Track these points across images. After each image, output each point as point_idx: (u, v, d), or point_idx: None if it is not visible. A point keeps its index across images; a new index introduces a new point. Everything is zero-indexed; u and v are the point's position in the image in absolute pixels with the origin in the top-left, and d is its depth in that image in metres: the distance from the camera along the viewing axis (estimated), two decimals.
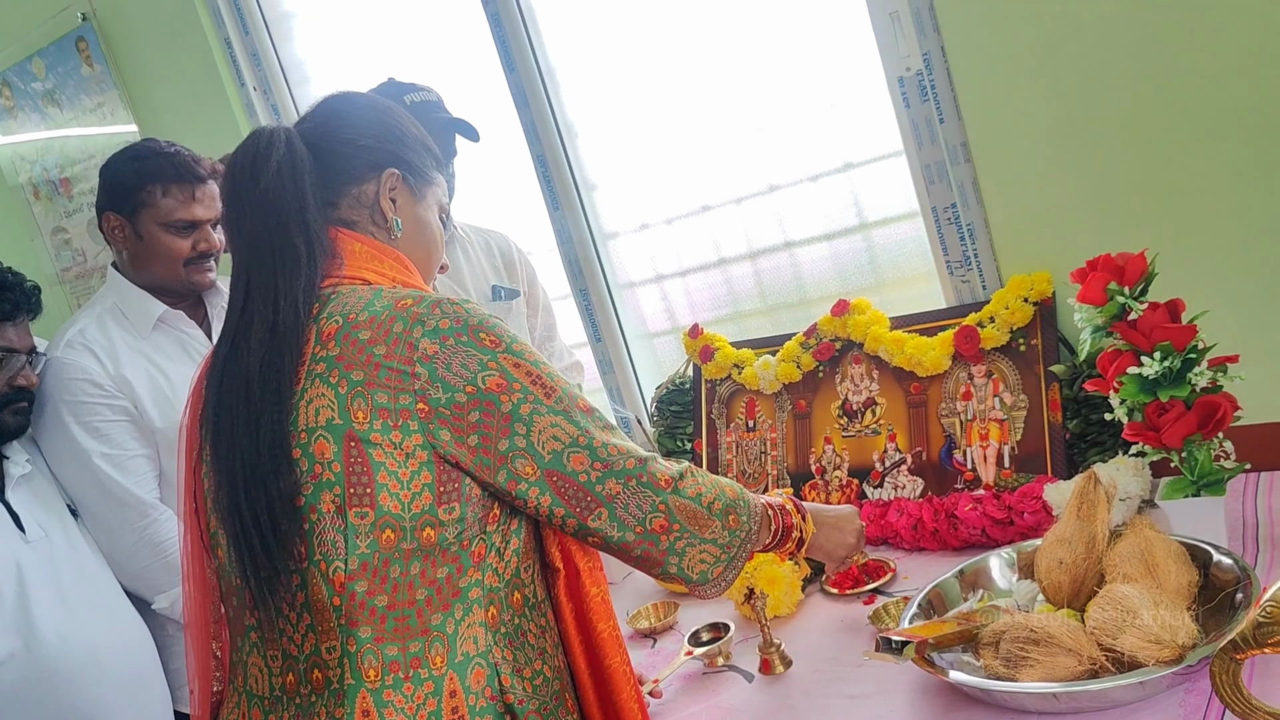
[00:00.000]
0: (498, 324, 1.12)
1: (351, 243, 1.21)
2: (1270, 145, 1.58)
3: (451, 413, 1.07)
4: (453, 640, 1.08)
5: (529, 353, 1.12)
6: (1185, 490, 1.48)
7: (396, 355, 1.07)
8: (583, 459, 1.10)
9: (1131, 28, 1.63)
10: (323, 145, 1.22)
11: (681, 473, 1.16)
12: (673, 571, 1.17)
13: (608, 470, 1.11)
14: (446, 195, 1.34)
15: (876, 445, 1.95)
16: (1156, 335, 1.43)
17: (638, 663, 1.67)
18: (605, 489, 1.11)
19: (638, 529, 1.13)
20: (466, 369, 1.08)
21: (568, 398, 1.12)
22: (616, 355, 2.46)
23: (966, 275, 1.90)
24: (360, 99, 1.31)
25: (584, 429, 1.11)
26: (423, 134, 1.32)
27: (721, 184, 2.26)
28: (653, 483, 1.13)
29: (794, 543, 1.33)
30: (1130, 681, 1.14)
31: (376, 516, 1.06)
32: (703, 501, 1.16)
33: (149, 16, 2.89)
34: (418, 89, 2.04)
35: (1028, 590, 1.44)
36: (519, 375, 1.10)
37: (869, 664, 1.42)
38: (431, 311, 1.10)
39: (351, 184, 1.23)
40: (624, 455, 1.13)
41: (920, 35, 1.80)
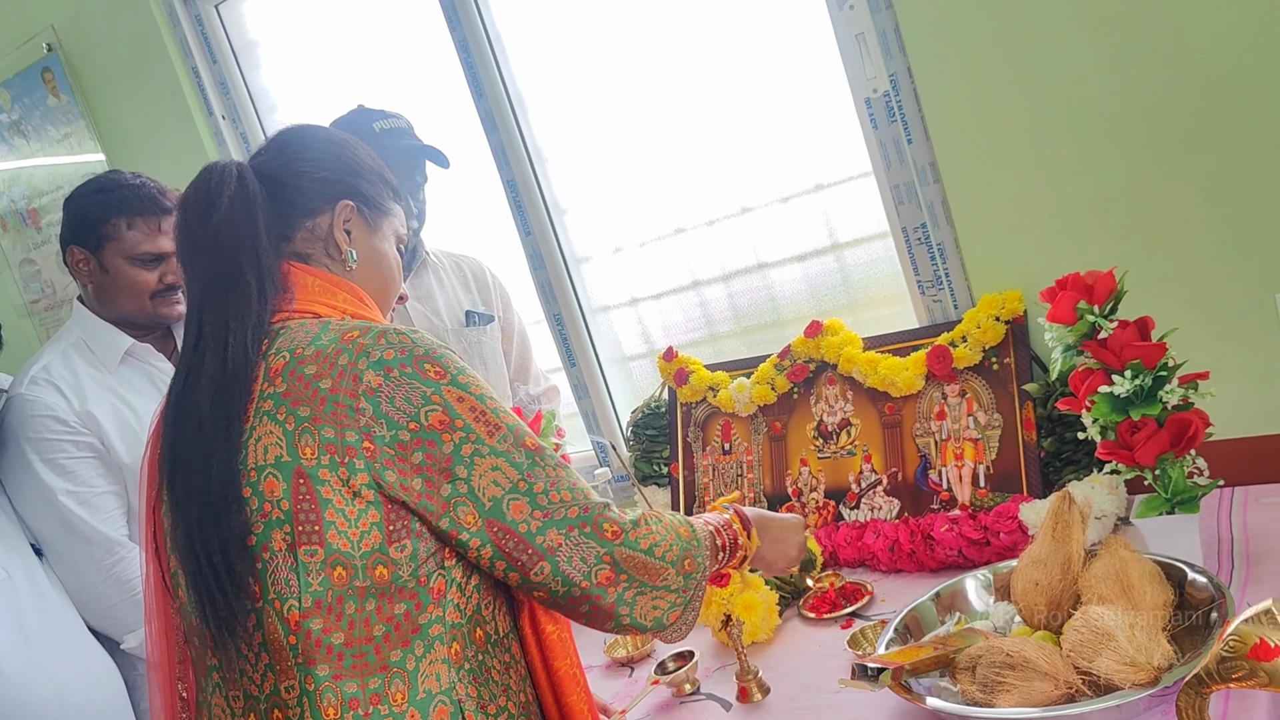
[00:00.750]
0: (445, 354, 1.10)
1: (304, 276, 1.20)
2: (1235, 162, 1.59)
3: (395, 453, 1.05)
4: (414, 677, 1.06)
5: (474, 385, 1.10)
6: (1159, 508, 1.47)
7: (342, 389, 1.05)
8: (523, 507, 1.07)
9: (1096, 47, 1.64)
10: (277, 178, 1.22)
11: (635, 522, 1.13)
12: (625, 623, 1.13)
13: (548, 520, 1.08)
14: (404, 226, 1.33)
15: (852, 466, 1.94)
16: (1127, 353, 1.43)
17: (614, 693, 1.66)
18: (546, 540, 1.08)
19: (583, 583, 1.09)
20: (410, 403, 1.06)
21: (512, 435, 1.09)
22: (591, 380, 2.44)
23: (938, 295, 1.90)
24: (315, 131, 1.30)
25: (526, 471, 1.08)
26: (379, 164, 1.31)
27: (694, 206, 2.25)
28: (597, 533, 1.10)
29: (739, 560, 1.32)
30: (1107, 705, 1.13)
31: (326, 554, 1.04)
32: (655, 553, 1.13)
33: (115, 46, 2.87)
34: (387, 116, 2.04)
35: (1004, 612, 1.43)
36: (462, 411, 1.07)
37: (847, 690, 1.40)
38: (377, 342, 1.08)
39: (306, 217, 1.22)
40: (567, 504, 1.09)
41: (886, 57, 1.80)
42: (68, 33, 2.95)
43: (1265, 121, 1.56)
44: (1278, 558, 1.44)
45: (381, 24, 2.53)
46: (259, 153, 1.27)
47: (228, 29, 2.79)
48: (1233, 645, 0.70)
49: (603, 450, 2.32)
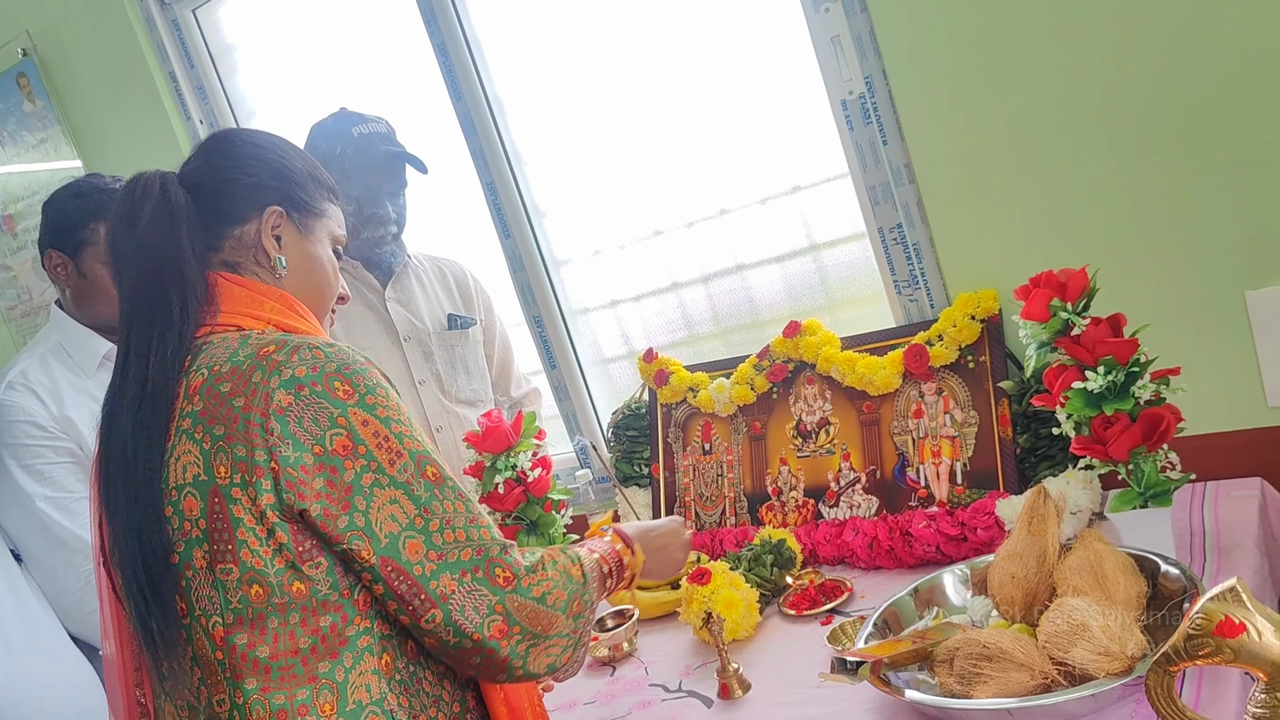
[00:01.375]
0: (360, 370, 1.08)
1: (232, 287, 1.18)
2: (1205, 162, 1.62)
3: (299, 475, 1.03)
4: (343, 688, 1.06)
5: (382, 406, 1.07)
6: (1133, 502, 1.49)
7: (254, 407, 1.04)
8: (418, 546, 1.05)
9: (1067, 50, 1.67)
10: (203, 186, 1.21)
11: (531, 567, 1.11)
12: (519, 675, 1.11)
13: (442, 563, 1.05)
14: (341, 227, 1.32)
15: (831, 465, 1.95)
16: (1099, 349, 1.45)
17: (597, 691, 1.67)
18: (440, 586, 1.05)
19: (475, 635, 1.06)
20: (317, 424, 1.04)
21: (414, 464, 1.07)
22: (572, 382, 2.45)
23: (914, 294, 1.92)
24: (242, 136, 1.28)
25: (423, 506, 1.06)
26: (311, 166, 1.29)
27: (672, 209, 2.26)
28: (489, 579, 1.07)
29: (628, 580, 1.32)
30: (1082, 695, 1.14)
31: (241, 572, 1.04)
32: (548, 600, 1.11)
33: (91, 51, 2.86)
34: (366, 120, 2.04)
35: (981, 606, 1.45)
36: (366, 435, 1.05)
37: (827, 685, 1.42)
38: (289, 359, 1.06)
39: (234, 225, 1.21)
40: (461, 544, 1.07)
41: (861, 59, 1.82)
42: (43, 38, 2.93)
43: (1234, 123, 1.59)
44: (1248, 550, 1.46)
45: (360, 28, 2.53)
46: (188, 161, 1.25)
47: (205, 33, 2.78)
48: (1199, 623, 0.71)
49: (584, 451, 2.33)
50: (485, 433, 1.93)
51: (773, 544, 1.82)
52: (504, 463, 1.93)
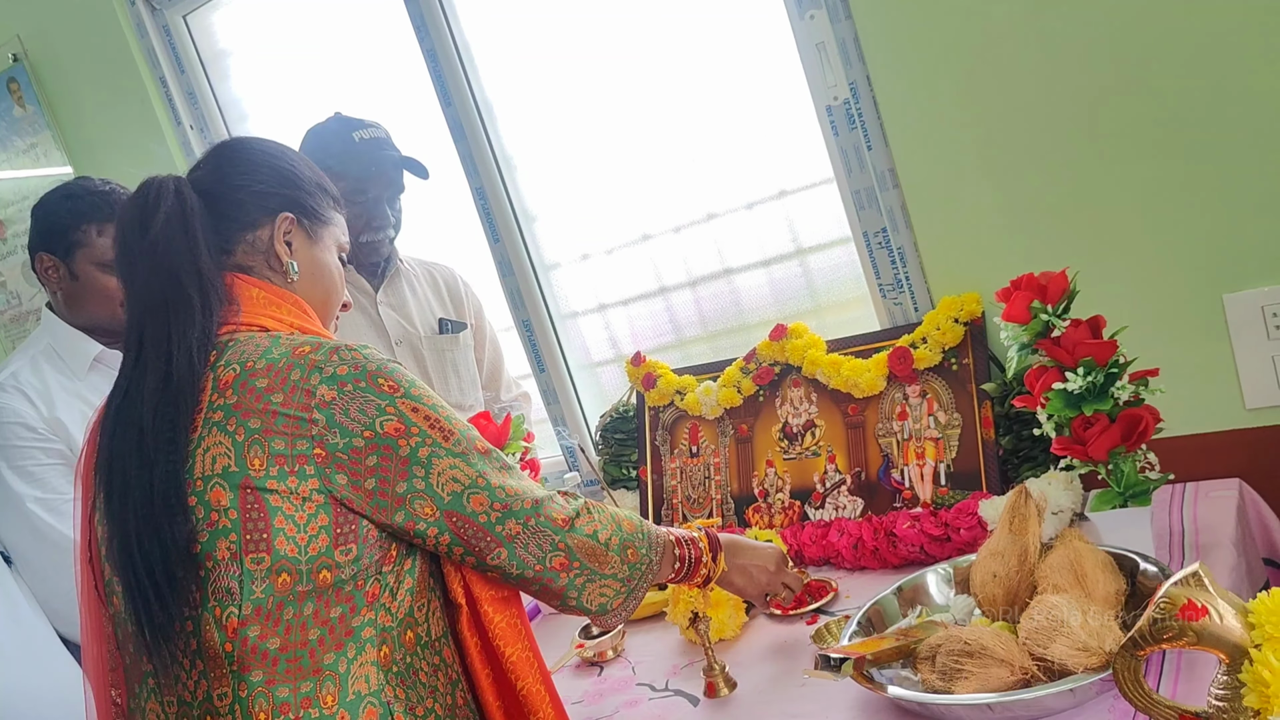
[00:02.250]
0: (396, 369, 1.15)
1: (248, 288, 1.22)
2: (1179, 165, 1.65)
3: (349, 457, 1.09)
4: (344, 680, 1.09)
5: (427, 396, 1.15)
6: (1113, 502, 1.51)
7: (294, 403, 1.08)
8: (482, 500, 1.14)
9: (1048, 57, 1.69)
10: (215, 192, 1.24)
11: (578, 511, 1.21)
12: (572, 604, 1.22)
13: (507, 511, 1.15)
14: (345, 235, 1.36)
15: (817, 467, 1.97)
16: (1079, 351, 1.47)
17: (584, 691, 1.68)
18: (505, 529, 1.15)
19: (537, 566, 1.17)
20: (364, 414, 1.10)
21: (466, 440, 1.15)
22: (560, 385, 2.47)
23: (899, 298, 1.94)
24: (253, 144, 1.32)
25: (481, 471, 1.15)
26: (318, 175, 1.33)
27: (660, 213, 2.28)
28: (550, 522, 1.18)
29: (701, 578, 1.38)
30: (1061, 689, 1.16)
31: (273, 561, 1.07)
32: (599, 538, 1.21)
33: (82, 56, 2.87)
34: (365, 125, 2.05)
35: (964, 605, 1.47)
36: (417, 420, 1.12)
37: (812, 683, 1.44)
38: (329, 359, 1.11)
39: (246, 230, 1.25)
40: (520, 496, 1.17)
41: (846, 65, 1.85)
42: (34, 43, 2.94)
43: (1211, 129, 1.61)
44: (1226, 549, 1.48)
45: (350, 34, 2.55)
46: (197, 166, 1.28)
47: (196, 39, 2.80)
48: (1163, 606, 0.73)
49: (572, 454, 2.34)
50: None
51: None
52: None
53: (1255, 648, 0.70)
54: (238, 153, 1.29)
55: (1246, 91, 1.58)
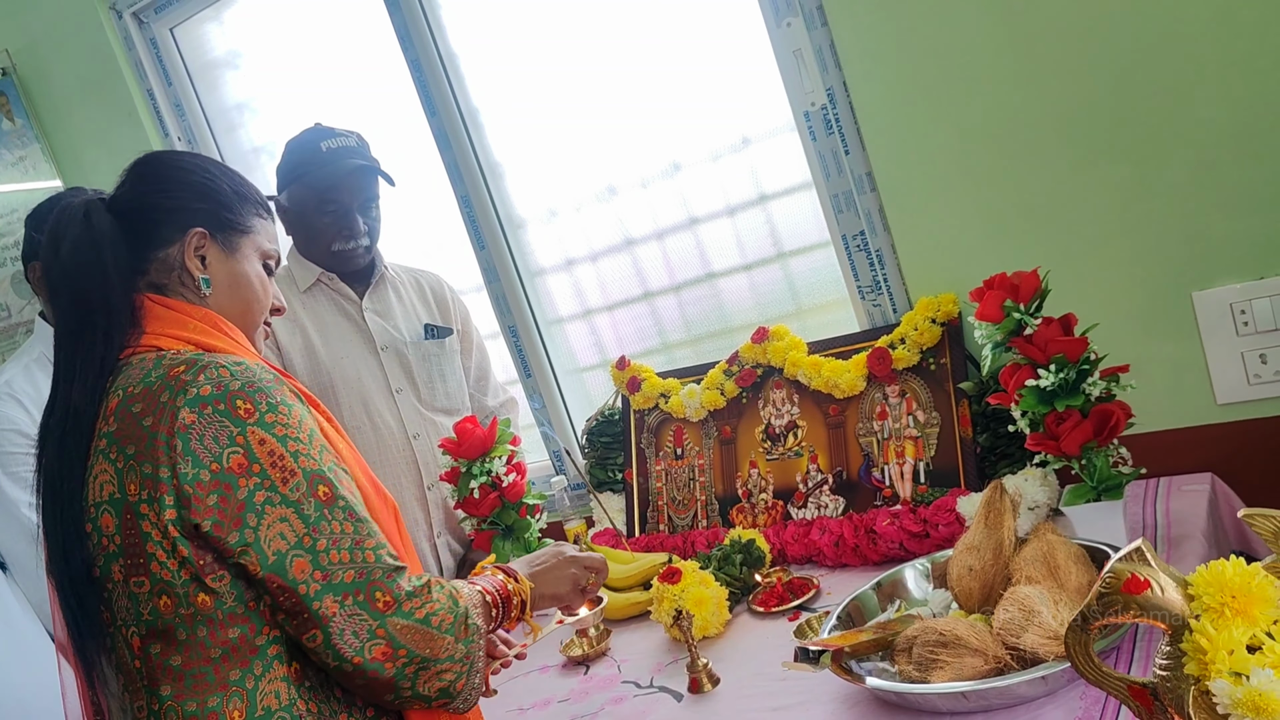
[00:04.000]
0: (264, 388, 1.11)
1: (157, 308, 1.21)
2: (1145, 168, 1.68)
3: (193, 491, 1.06)
4: (252, 695, 1.09)
5: (282, 425, 1.10)
6: (1086, 496, 1.55)
7: (161, 426, 1.07)
8: (305, 565, 1.07)
9: (1019, 62, 1.73)
10: (128, 210, 1.24)
11: (414, 591, 1.11)
12: (407, 697, 1.12)
13: (326, 584, 1.07)
14: (273, 242, 1.34)
15: (799, 467, 2.00)
16: (1051, 348, 1.51)
17: (570, 689, 1.70)
18: (322, 607, 1.07)
19: (355, 659, 1.08)
20: (216, 443, 1.07)
21: (306, 484, 1.09)
22: (547, 390, 2.49)
23: (877, 299, 1.97)
24: (167, 159, 1.31)
25: (314, 526, 1.08)
26: (238, 184, 1.31)
27: (644, 219, 2.31)
28: (370, 604, 1.08)
29: (518, 608, 1.30)
30: (1033, 676, 1.19)
31: (152, 584, 1.08)
32: (434, 623, 1.11)
33: (70, 69, 2.89)
34: (335, 134, 2.07)
35: (941, 598, 1.50)
36: (261, 454, 1.08)
37: (794, 678, 1.46)
38: (196, 378, 1.09)
39: (158, 247, 1.23)
40: (345, 565, 1.08)
41: (823, 71, 1.88)
42: (22, 56, 2.96)
43: (1179, 132, 1.65)
44: (1196, 540, 1.51)
45: (336, 45, 2.58)
46: (118, 184, 1.28)
47: (183, 51, 2.82)
48: (1109, 581, 0.76)
49: (558, 458, 2.37)
50: (461, 438, 1.96)
51: (742, 544, 1.86)
52: (479, 468, 1.97)
53: (1195, 618, 0.73)
54: (152, 169, 1.28)
55: (1212, 94, 1.62)
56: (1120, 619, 0.75)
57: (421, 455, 2.13)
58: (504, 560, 2.01)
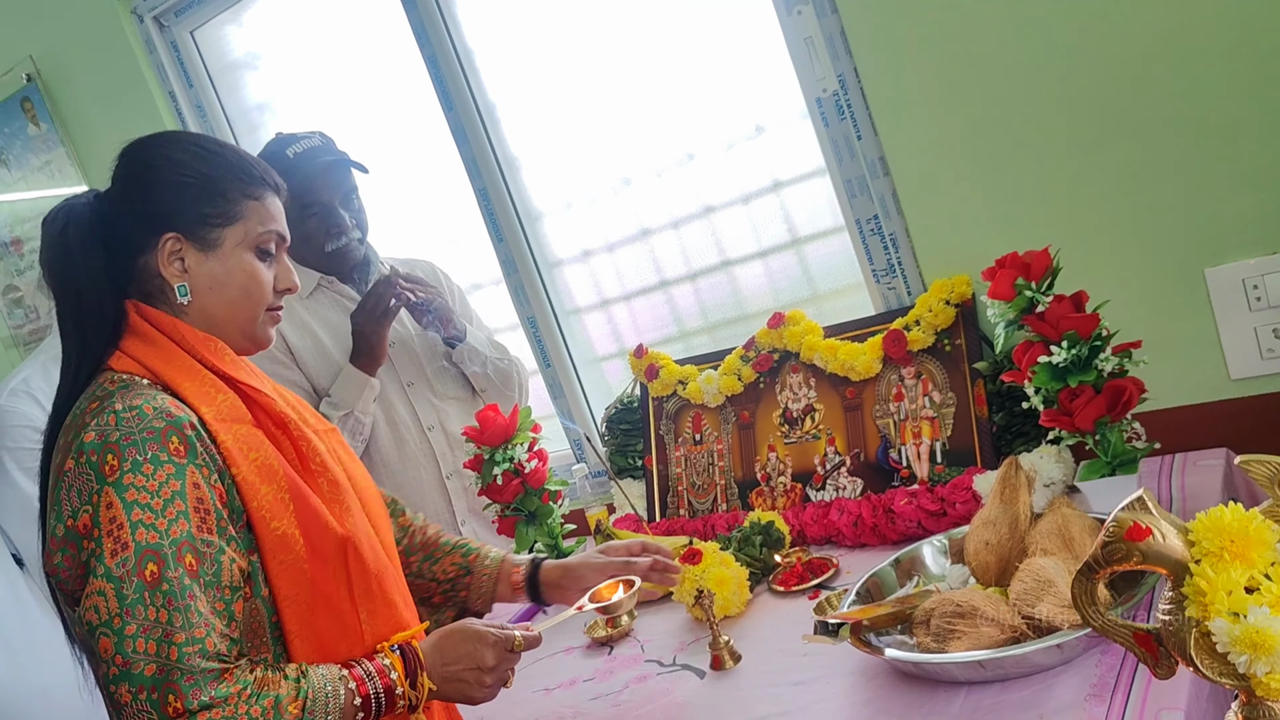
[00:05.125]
0: (137, 444, 1.06)
1: (137, 321, 1.19)
2: (1159, 144, 1.70)
3: (48, 546, 1.08)
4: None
5: (136, 488, 1.04)
6: (1100, 471, 1.57)
7: (55, 466, 1.10)
8: (109, 646, 1.01)
9: (1029, 43, 1.75)
10: (110, 218, 1.21)
11: (210, 702, 1.01)
12: None
13: (124, 671, 1.00)
14: (265, 222, 1.25)
15: (817, 450, 2.02)
16: (1063, 325, 1.53)
17: (595, 668, 1.73)
18: (117, 692, 1.01)
19: None
20: (79, 497, 1.06)
21: (135, 560, 1.02)
22: (566, 380, 2.52)
23: (892, 282, 2.00)
24: (145, 153, 1.25)
25: (126, 608, 1.01)
26: (223, 166, 1.23)
27: (659, 209, 2.34)
28: (160, 704, 0.99)
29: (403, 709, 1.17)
30: (1048, 644, 1.21)
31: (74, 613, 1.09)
32: None
33: (93, 73, 2.94)
34: (298, 139, 2.09)
35: (959, 573, 1.52)
36: (104, 519, 1.03)
37: (814, 653, 1.48)
38: (92, 421, 1.08)
39: (137, 255, 1.20)
40: (149, 658, 1.00)
41: (834, 58, 1.90)
42: (46, 62, 3.02)
43: (1190, 109, 1.66)
44: None
45: (354, 45, 2.61)
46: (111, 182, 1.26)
47: (203, 53, 2.87)
48: (1112, 530, 0.79)
49: (579, 446, 2.40)
50: (484, 426, 2.00)
51: (762, 525, 1.88)
52: (502, 455, 2.00)
53: (1195, 563, 0.75)
54: (131, 166, 1.24)
55: (1223, 73, 1.63)
56: (1124, 567, 0.77)
57: (438, 446, 2.16)
58: (525, 546, 2.05)
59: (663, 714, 1.52)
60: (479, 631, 1.25)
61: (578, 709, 1.61)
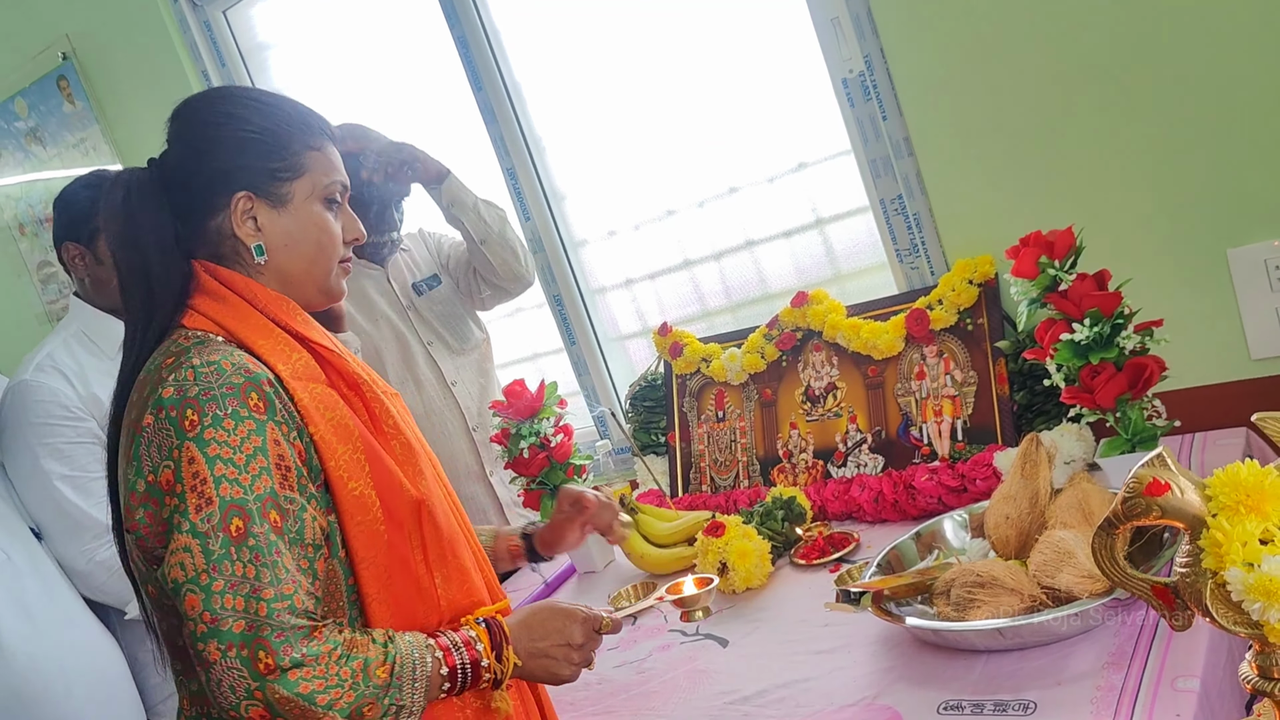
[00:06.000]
0: (221, 397, 1.04)
1: (208, 280, 1.17)
2: (1180, 126, 1.71)
3: (127, 501, 1.07)
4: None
5: (218, 443, 1.02)
6: (1121, 448, 1.58)
7: (132, 422, 1.08)
8: (196, 604, 0.99)
9: (1054, 23, 1.76)
10: (174, 181, 1.19)
11: (302, 659, 0.99)
12: None
13: (213, 628, 0.98)
14: (329, 173, 1.23)
15: (839, 427, 2.05)
16: (1085, 303, 1.54)
17: (620, 639, 1.77)
18: (206, 650, 0.99)
19: (231, 712, 0.99)
20: (160, 452, 1.04)
21: (220, 516, 1.01)
22: (591, 358, 2.56)
23: (915, 262, 2.01)
24: (201, 112, 1.21)
25: (214, 564, 0.99)
26: (282, 118, 1.21)
27: (684, 189, 2.37)
28: (251, 661, 0.98)
29: (488, 682, 1.14)
30: (1068, 613, 1.23)
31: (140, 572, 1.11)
32: (318, 700, 0.99)
33: (127, 53, 2.99)
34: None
35: (979, 547, 1.54)
36: (186, 475, 1.02)
37: (835, 621, 1.51)
38: (168, 377, 1.06)
39: (208, 217, 1.19)
40: (237, 613, 0.99)
41: (860, 39, 1.92)
42: (81, 40, 3.07)
43: (1214, 89, 1.67)
44: None
45: (384, 24, 2.65)
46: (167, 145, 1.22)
47: (236, 33, 2.91)
48: (1132, 486, 0.81)
49: (603, 423, 2.43)
50: (510, 400, 2.03)
51: (784, 500, 1.91)
52: (529, 429, 2.04)
53: (1212, 516, 0.78)
54: (189, 126, 1.20)
55: (1247, 53, 1.64)
56: (1143, 521, 0.80)
57: (462, 400, 2.25)
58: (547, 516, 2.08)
59: (686, 681, 1.55)
60: (568, 609, 1.24)
61: (601, 675, 1.65)
